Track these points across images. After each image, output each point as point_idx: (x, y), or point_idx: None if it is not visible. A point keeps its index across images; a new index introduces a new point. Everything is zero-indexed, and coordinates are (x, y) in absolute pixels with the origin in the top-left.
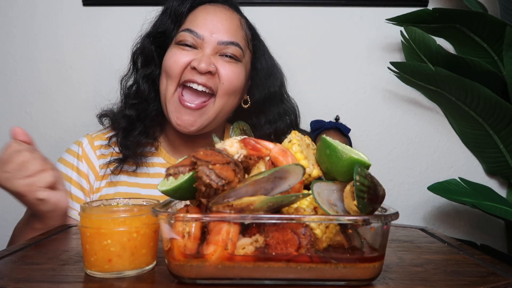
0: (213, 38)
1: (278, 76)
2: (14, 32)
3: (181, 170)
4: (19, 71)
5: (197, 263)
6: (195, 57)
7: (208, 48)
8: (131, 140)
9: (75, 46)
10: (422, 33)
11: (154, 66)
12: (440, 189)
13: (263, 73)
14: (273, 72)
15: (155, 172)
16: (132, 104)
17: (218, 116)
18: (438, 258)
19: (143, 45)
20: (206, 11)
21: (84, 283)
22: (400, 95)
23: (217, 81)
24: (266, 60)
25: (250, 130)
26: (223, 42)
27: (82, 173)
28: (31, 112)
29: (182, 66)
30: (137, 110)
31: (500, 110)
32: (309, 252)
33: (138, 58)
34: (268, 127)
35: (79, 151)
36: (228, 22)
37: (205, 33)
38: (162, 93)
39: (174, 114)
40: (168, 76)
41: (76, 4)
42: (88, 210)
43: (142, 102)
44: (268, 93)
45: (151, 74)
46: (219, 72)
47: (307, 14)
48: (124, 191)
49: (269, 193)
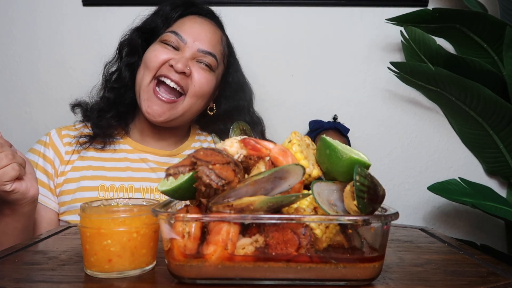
0: (195, 45)
1: (247, 92)
2: (14, 32)
3: (181, 170)
4: (19, 71)
5: (197, 263)
6: (174, 57)
7: (188, 52)
8: (104, 121)
9: (75, 46)
10: (422, 33)
11: (138, 57)
12: (440, 189)
13: (233, 86)
14: (243, 88)
15: (121, 157)
16: (112, 88)
17: (185, 114)
18: (438, 258)
19: (131, 37)
20: (194, 21)
21: (84, 283)
22: (400, 95)
23: (189, 82)
24: (238, 77)
25: (250, 130)
26: (203, 51)
27: (48, 159)
28: (31, 112)
29: (161, 61)
30: (115, 94)
31: (500, 110)
32: (309, 252)
33: (124, 48)
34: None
35: (46, 139)
36: (211, 35)
37: (189, 38)
38: (138, 82)
39: (146, 103)
40: (146, 67)
41: (76, 4)
42: (88, 210)
43: (121, 88)
44: (237, 105)
45: (133, 64)
46: (193, 75)
47: (307, 14)
48: (90, 174)
49: (269, 193)
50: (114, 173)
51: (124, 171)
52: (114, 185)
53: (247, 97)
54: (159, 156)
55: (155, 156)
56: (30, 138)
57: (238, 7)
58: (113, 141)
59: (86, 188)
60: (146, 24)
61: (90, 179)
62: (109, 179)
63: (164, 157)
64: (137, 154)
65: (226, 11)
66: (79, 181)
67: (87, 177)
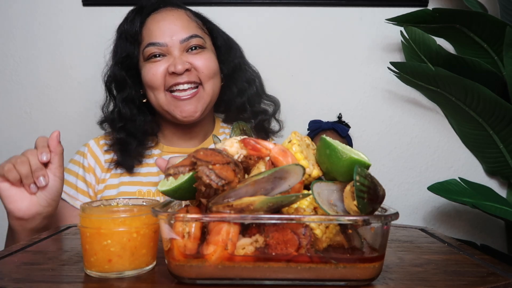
0: (175, 40)
1: (236, 47)
2: (14, 32)
3: (181, 170)
4: (19, 71)
5: (197, 263)
6: (168, 63)
7: (175, 50)
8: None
9: (75, 46)
10: (422, 33)
11: (129, 88)
12: (440, 189)
13: (223, 48)
14: (231, 45)
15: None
16: (120, 127)
17: (212, 98)
18: (438, 258)
19: (114, 73)
20: (156, 20)
21: (84, 283)
22: (400, 95)
23: (196, 73)
24: (222, 37)
25: (250, 130)
26: (184, 39)
27: (87, 168)
28: (31, 112)
29: (162, 75)
30: (126, 130)
31: (500, 110)
32: (309, 252)
33: (111, 85)
34: (242, 96)
35: (85, 150)
36: (179, 21)
37: (166, 39)
38: (155, 105)
39: (176, 111)
40: (153, 88)
41: (76, 4)
42: (88, 210)
43: (128, 123)
44: (234, 64)
45: (128, 96)
46: (195, 65)
47: (307, 14)
48: (127, 181)
49: (269, 193)
50: (148, 178)
51: (157, 175)
52: (150, 190)
53: (239, 53)
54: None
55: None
56: (30, 138)
57: (237, 7)
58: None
59: (125, 193)
60: (119, 54)
61: (128, 185)
62: (145, 184)
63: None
64: (166, 156)
65: (226, 11)
66: (118, 187)
67: (125, 183)
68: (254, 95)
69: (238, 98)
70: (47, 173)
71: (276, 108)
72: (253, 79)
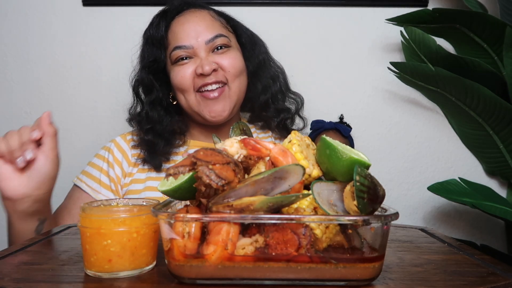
0: (200, 42)
1: (260, 43)
2: (14, 32)
3: (181, 170)
4: (19, 71)
5: (197, 263)
6: (196, 65)
7: (202, 52)
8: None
9: (75, 46)
10: (422, 33)
11: (156, 91)
12: (440, 189)
13: (248, 45)
14: (255, 41)
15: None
16: (148, 129)
17: (239, 97)
18: (438, 258)
19: (141, 78)
20: (181, 23)
21: (84, 283)
22: (400, 95)
23: (223, 73)
24: (246, 33)
25: (250, 130)
26: (210, 40)
27: (112, 164)
28: (31, 112)
29: (190, 77)
30: (154, 132)
31: (500, 111)
32: (309, 252)
33: (138, 88)
34: (265, 93)
35: (111, 145)
36: (203, 22)
37: (192, 41)
38: (185, 107)
39: (205, 110)
40: (182, 91)
41: (76, 4)
42: (88, 210)
43: (156, 125)
44: (258, 61)
45: (156, 99)
46: (221, 65)
47: (307, 14)
48: (155, 176)
49: (269, 193)
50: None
51: None
52: None
53: (263, 48)
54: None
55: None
56: None
57: (237, 7)
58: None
59: (151, 188)
60: (146, 58)
61: (155, 180)
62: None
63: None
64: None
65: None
66: (145, 181)
67: (152, 178)
68: (278, 91)
69: (262, 95)
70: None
71: (300, 105)
72: (277, 75)
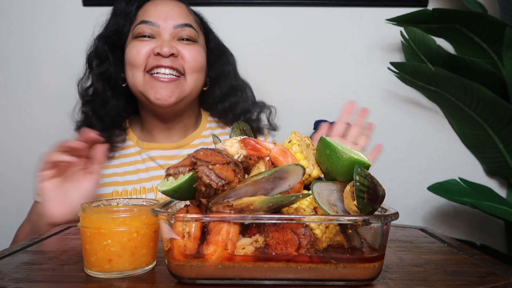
0: (168, 24)
1: (228, 54)
2: (14, 32)
3: (181, 170)
4: (19, 71)
5: (197, 263)
6: (156, 45)
7: (166, 34)
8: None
9: (75, 46)
10: (422, 33)
11: (109, 64)
12: (440, 189)
13: (216, 52)
14: (224, 51)
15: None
16: (87, 101)
17: (192, 93)
18: (438, 258)
19: (96, 47)
20: (154, 4)
21: (84, 283)
22: (400, 95)
23: (181, 62)
24: (216, 41)
25: (250, 130)
26: (178, 25)
27: None
28: (31, 112)
29: (146, 54)
30: (93, 106)
31: (500, 111)
32: (309, 252)
33: (92, 60)
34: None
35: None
36: (178, 8)
37: (160, 21)
38: (131, 84)
39: (151, 91)
40: (132, 66)
41: (76, 4)
42: (88, 210)
43: (98, 99)
44: (222, 70)
45: (106, 72)
46: (182, 54)
47: (307, 14)
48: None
49: (269, 193)
50: (126, 177)
51: (136, 173)
52: (126, 189)
53: (231, 60)
54: (165, 150)
55: (161, 151)
56: (30, 138)
57: (237, 8)
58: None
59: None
60: (108, 28)
61: (104, 186)
62: (121, 184)
63: (171, 150)
64: (145, 153)
65: (225, 11)
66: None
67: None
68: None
69: (220, 103)
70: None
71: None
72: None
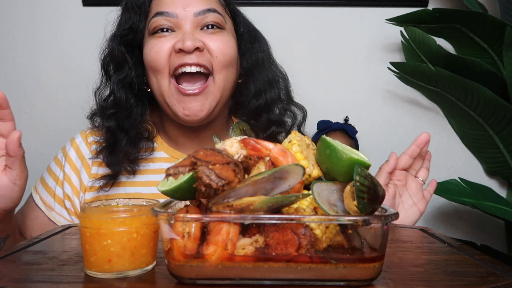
0: (188, 12)
1: (262, 40)
2: (14, 32)
3: (181, 170)
4: (19, 71)
5: (197, 263)
6: (176, 39)
7: (187, 25)
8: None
9: (75, 46)
10: (422, 33)
11: (128, 68)
12: (440, 189)
13: (247, 37)
14: (256, 35)
15: (158, 168)
16: (110, 114)
17: (223, 94)
18: (438, 259)
19: (111, 49)
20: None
21: (84, 283)
22: (400, 95)
23: (208, 56)
24: (247, 24)
25: (250, 130)
26: (200, 12)
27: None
28: (31, 112)
29: (167, 53)
30: (117, 120)
31: (500, 111)
32: (309, 253)
33: (109, 64)
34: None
35: (69, 148)
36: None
37: (178, 9)
38: (156, 91)
39: (178, 107)
40: (155, 70)
41: (76, 4)
42: (88, 210)
43: (122, 111)
44: (256, 59)
45: (126, 78)
46: (208, 46)
47: (307, 14)
48: (124, 192)
49: (269, 193)
50: (151, 189)
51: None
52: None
53: (264, 47)
54: None
55: None
56: (30, 138)
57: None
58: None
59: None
60: (121, 26)
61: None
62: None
63: None
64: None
65: None
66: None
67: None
68: (274, 99)
69: (253, 100)
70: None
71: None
72: (277, 81)
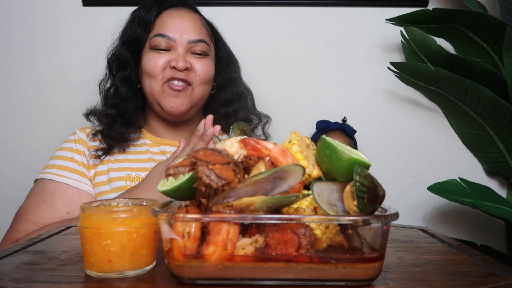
0: (184, 39)
1: (235, 62)
2: (14, 32)
3: (181, 170)
4: (19, 71)
5: (197, 263)
6: (171, 58)
7: (181, 48)
8: (114, 132)
9: (75, 46)
10: (422, 33)
11: (130, 69)
12: (440, 189)
13: (224, 60)
14: (231, 59)
15: (144, 149)
16: (112, 104)
17: (200, 101)
18: (438, 259)
19: (119, 52)
20: (172, 16)
21: (84, 283)
22: (400, 95)
23: (193, 75)
24: (225, 50)
25: (250, 130)
26: (193, 41)
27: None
28: (31, 112)
29: (162, 66)
30: (117, 109)
31: (500, 111)
32: (309, 253)
33: (113, 63)
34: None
35: (74, 137)
36: (193, 23)
37: (176, 35)
38: (148, 92)
39: (166, 100)
40: (150, 76)
41: (76, 4)
42: (88, 210)
43: (122, 102)
44: (229, 77)
45: (128, 77)
46: (194, 68)
47: (307, 14)
48: (116, 167)
49: (269, 193)
50: (138, 164)
51: (148, 162)
52: (139, 175)
53: (237, 68)
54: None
55: (173, 147)
56: (30, 138)
57: (237, 8)
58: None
59: (114, 178)
60: (128, 35)
61: (117, 171)
62: (134, 170)
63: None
64: (158, 147)
65: (225, 11)
66: (108, 173)
67: (114, 169)
68: (241, 107)
69: (223, 107)
70: None
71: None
72: (245, 95)
